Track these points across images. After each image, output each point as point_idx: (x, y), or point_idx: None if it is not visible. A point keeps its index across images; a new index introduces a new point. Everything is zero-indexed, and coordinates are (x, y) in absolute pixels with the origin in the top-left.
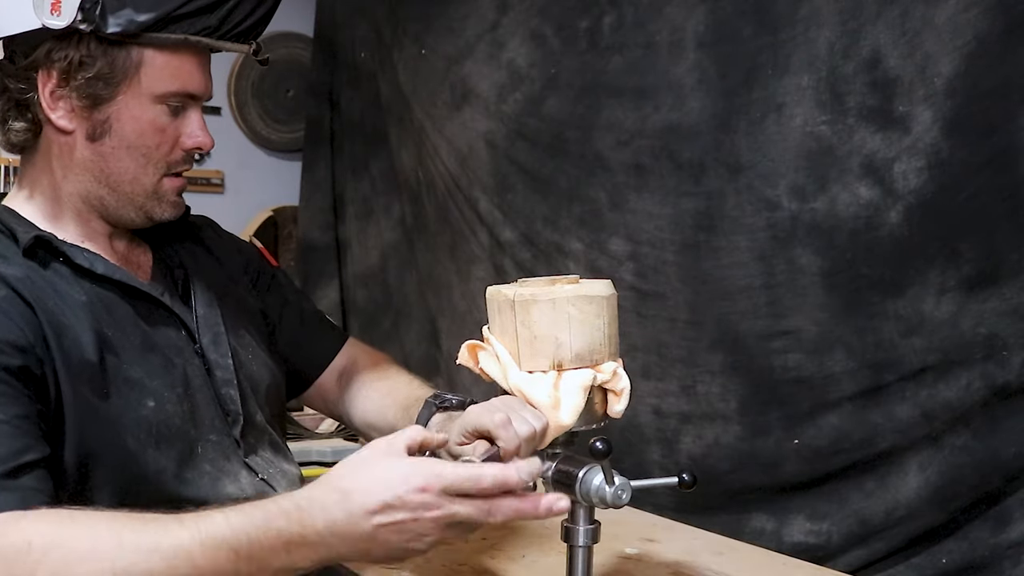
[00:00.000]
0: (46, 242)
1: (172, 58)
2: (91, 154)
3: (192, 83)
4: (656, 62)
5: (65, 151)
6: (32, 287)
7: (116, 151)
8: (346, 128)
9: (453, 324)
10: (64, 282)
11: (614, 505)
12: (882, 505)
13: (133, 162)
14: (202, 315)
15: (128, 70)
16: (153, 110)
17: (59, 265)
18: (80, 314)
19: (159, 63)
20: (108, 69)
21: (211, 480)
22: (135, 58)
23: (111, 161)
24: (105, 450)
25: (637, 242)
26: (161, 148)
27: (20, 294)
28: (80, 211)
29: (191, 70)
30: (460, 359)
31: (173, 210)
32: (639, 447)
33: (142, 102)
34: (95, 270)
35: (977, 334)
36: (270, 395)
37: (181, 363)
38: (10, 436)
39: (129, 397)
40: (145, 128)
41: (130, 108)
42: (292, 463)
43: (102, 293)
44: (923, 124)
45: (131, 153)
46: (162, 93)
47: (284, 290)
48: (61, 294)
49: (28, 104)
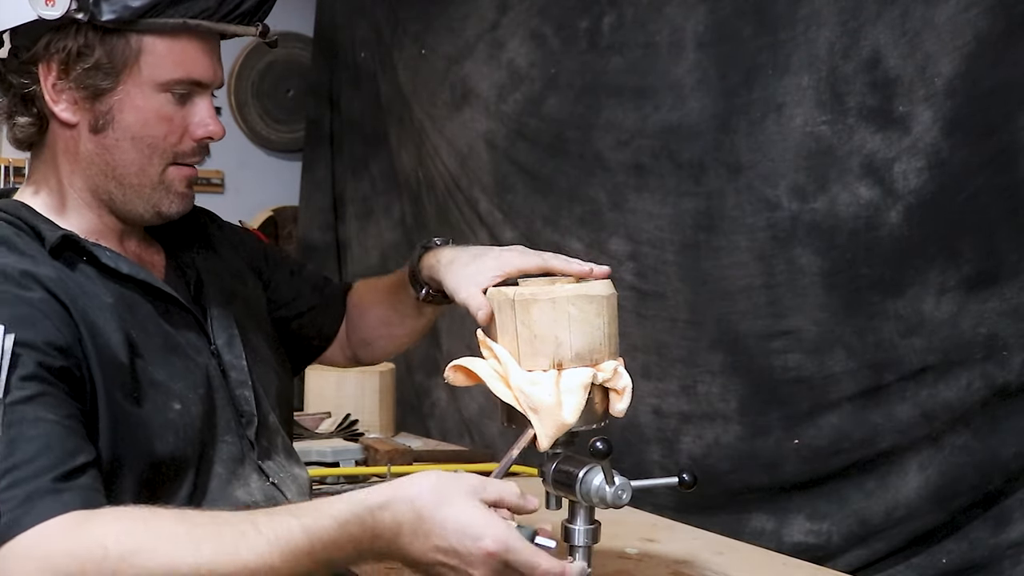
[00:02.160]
0: (72, 241)
1: (174, 44)
2: (95, 147)
3: (197, 69)
4: (656, 62)
5: (71, 145)
6: (65, 288)
7: (120, 142)
8: (346, 128)
9: (453, 324)
10: (91, 283)
11: (614, 505)
12: (882, 505)
13: (139, 153)
14: (216, 316)
15: (128, 58)
16: (157, 99)
17: (84, 265)
18: (108, 315)
19: (160, 50)
20: (107, 58)
21: (221, 483)
22: (135, 46)
23: (116, 153)
24: (133, 454)
25: (637, 242)
26: (169, 138)
27: (55, 295)
28: (90, 206)
29: (195, 56)
30: (448, 379)
31: (181, 202)
32: (639, 447)
33: (144, 91)
34: (120, 270)
35: (977, 334)
36: (280, 397)
37: (202, 363)
38: (63, 437)
39: (157, 401)
40: (149, 118)
41: (132, 98)
42: (302, 467)
43: (126, 293)
44: (923, 124)
45: (136, 144)
46: (165, 81)
47: (285, 263)
48: (89, 295)
49: (33, 98)
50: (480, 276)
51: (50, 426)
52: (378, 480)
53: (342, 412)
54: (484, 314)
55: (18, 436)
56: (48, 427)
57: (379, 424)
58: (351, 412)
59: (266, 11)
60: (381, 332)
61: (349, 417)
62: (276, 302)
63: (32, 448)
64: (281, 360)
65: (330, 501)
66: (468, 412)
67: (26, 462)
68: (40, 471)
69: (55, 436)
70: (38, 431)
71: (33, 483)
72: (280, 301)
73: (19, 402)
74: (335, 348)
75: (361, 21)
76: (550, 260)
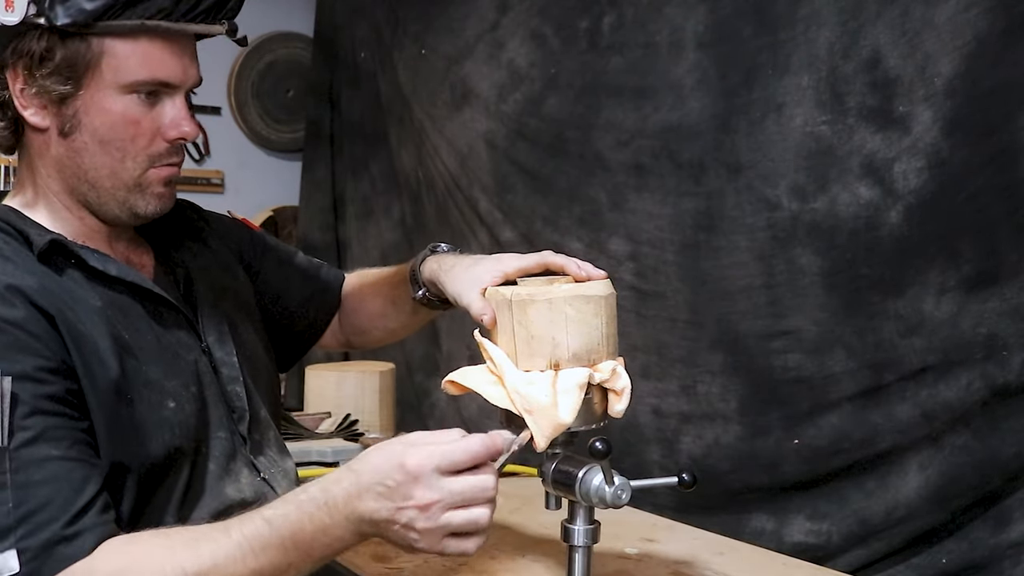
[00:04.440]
0: (61, 246)
1: (135, 46)
2: (66, 150)
3: (163, 70)
4: (656, 62)
5: (43, 149)
6: (49, 297)
7: (89, 146)
8: (346, 128)
9: (453, 324)
10: (78, 287)
11: (614, 505)
12: (882, 505)
13: (108, 156)
14: (206, 314)
15: (89, 61)
16: (122, 101)
17: (72, 269)
18: (96, 320)
19: (121, 52)
20: (68, 62)
21: (213, 479)
22: (95, 49)
23: (85, 156)
24: (130, 455)
25: (637, 242)
26: (138, 140)
27: (40, 308)
28: (70, 209)
29: (160, 57)
30: (445, 390)
31: (158, 202)
32: (639, 447)
33: (108, 94)
34: (108, 272)
35: (977, 334)
36: (270, 391)
37: (193, 361)
38: (70, 471)
39: (151, 400)
40: (116, 120)
41: (97, 101)
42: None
43: (115, 296)
44: (923, 124)
45: (105, 148)
46: (129, 83)
47: (276, 252)
48: (77, 300)
49: (6, 104)
50: (480, 279)
51: (56, 464)
52: None
53: (342, 412)
54: (488, 318)
55: (27, 481)
56: (55, 466)
57: (379, 424)
58: (351, 412)
59: (231, 9)
60: (376, 323)
61: (349, 417)
62: (265, 293)
63: (43, 493)
64: (269, 353)
65: (294, 491)
66: (468, 412)
67: (39, 509)
68: (51, 518)
69: (63, 474)
70: (45, 473)
71: (47, 531)
72: (269, 292)
73: (23, 445)
74: (327, 334)
75: (361, 21)
76: (548, 257)
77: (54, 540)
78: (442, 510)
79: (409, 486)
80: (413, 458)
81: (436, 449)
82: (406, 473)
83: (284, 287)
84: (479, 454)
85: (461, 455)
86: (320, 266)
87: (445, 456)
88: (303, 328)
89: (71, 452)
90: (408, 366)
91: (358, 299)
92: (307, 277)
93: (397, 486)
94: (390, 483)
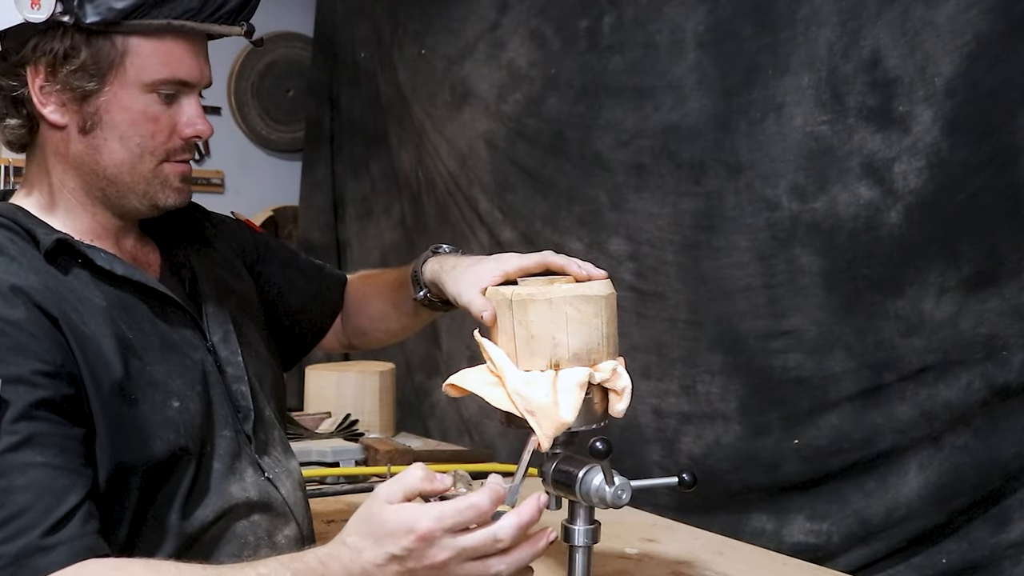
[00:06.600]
0: (68, 245)
1: (159, 45)
2: (85, 147)
3: (183, 70)
4: (656, 62)
5: (61, 147)
6: (53, 298)
7: (109, 143)
8: (346, 128)
9: (453, 324)
10: (83, 287)
11: (614, 505)
12: (882, 505)
13: (128, 153)
14: (211, 313)
15: (114, 60)
16: (143, 99)
17: (79, 268)
18: (101, 320)
19: (145, 51)
20: (93, 60)
21: (217, 479)
22: (120, 47)
23: (105, 153)
24: (135, 457)
25: (637, 242)
26: (156, 137)
27: (43, 309)
28: (83, 206)
29: (181, 56)
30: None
31: (177, 196)
32: (639, 447)
33: (131, 92)
34: (115, 271)
35: (977, 334)
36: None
37: (198, 360)
38: (52, 480)
39: (155, 399)
40: (137, 118)
41: (119, 98)
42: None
43: (120, 295)
44: (923, 124)
45: (124, 144)
46: (151, 81)
47: (278, 254)
48: (81, 300)
49: (22, 101)
50: (481, 279)
51: (39, 471)
52: (378, 480)
53: (342, 412)
54: (488, 315)
55: (8, 487)
56: (37, 473)
57: (379, 424)
58: (351, 412)
59: (250, 11)
60: (378, 325)
61: (349, 417)
62: (268, 294)
63: (22, 499)
64: (273, 353)
65: (289, 557)
66: (468, 412)
67: (16, 515)
68: (29, 526)
69: (45, 481)
70: (27, 479)
71: (23, 539)
72: (272, 294)
73: (8, 450)
74: (329, 335)
75: (361, 21)
76: (548, 257)
77: (30, 549)
78: (458, 563)
79: (423, 550)
80: (423, 523)
81: (445, 512)
82: (420, 540)
83: (287, 289)
84: (486, 511)
85: (471, 514)
86: (322, 268)
87: (457, 521)
88: (305, 329)
89: (57, 459)
90: (408, 366)
91: (360, 301)
92: (310, 279)
93: (410, 554)
94: (400, 552)
